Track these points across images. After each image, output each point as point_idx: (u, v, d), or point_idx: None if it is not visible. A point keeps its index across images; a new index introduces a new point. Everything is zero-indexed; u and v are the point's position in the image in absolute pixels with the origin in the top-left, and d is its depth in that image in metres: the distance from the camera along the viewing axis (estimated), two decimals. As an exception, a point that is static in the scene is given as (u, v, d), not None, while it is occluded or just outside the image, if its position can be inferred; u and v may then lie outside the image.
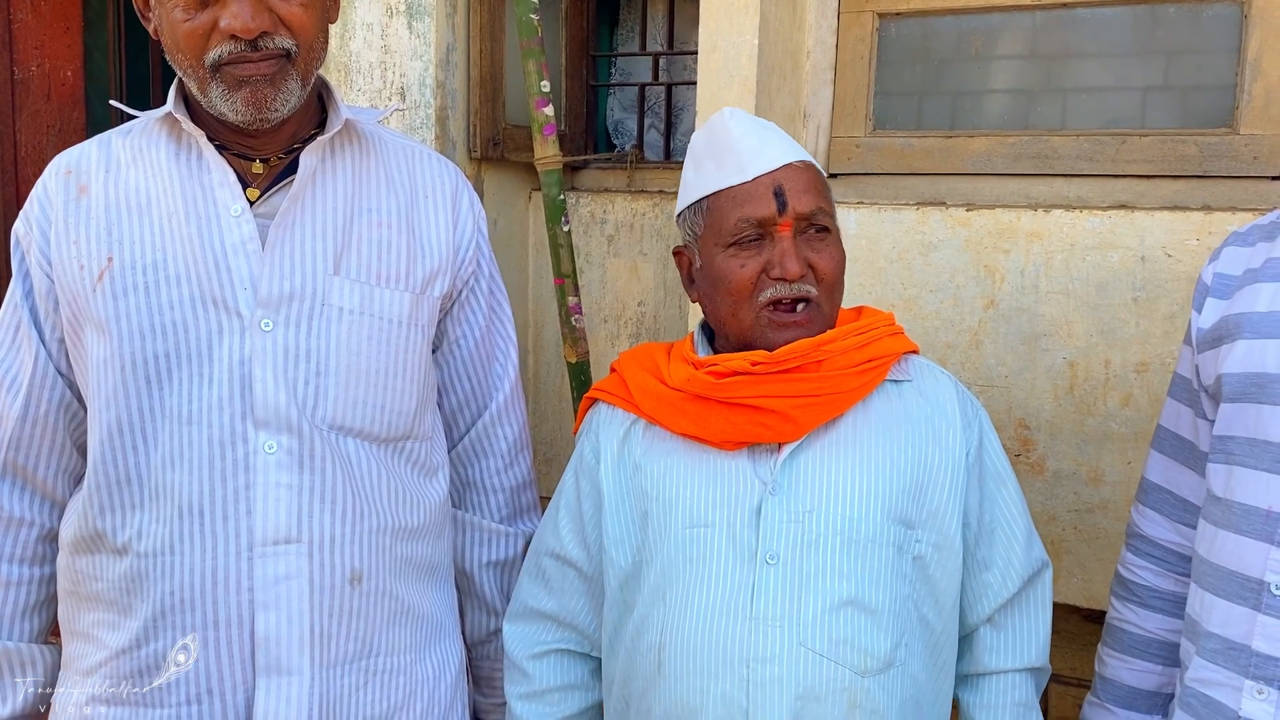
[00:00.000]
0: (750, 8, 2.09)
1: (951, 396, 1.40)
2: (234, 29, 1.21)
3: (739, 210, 1.35)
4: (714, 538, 1.31)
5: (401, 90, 2.26)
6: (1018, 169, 2.15)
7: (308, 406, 1.31)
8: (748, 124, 1.40)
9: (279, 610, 1.28)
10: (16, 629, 1.40)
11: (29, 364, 1.36)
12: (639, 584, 1.37)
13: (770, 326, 1.34)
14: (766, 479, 1.32)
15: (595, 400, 1.50)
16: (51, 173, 1.37)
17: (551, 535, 1.48)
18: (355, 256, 1.36)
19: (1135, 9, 2.07)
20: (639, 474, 1.39)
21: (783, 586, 1.27)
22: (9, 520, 1.39)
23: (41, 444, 1.38)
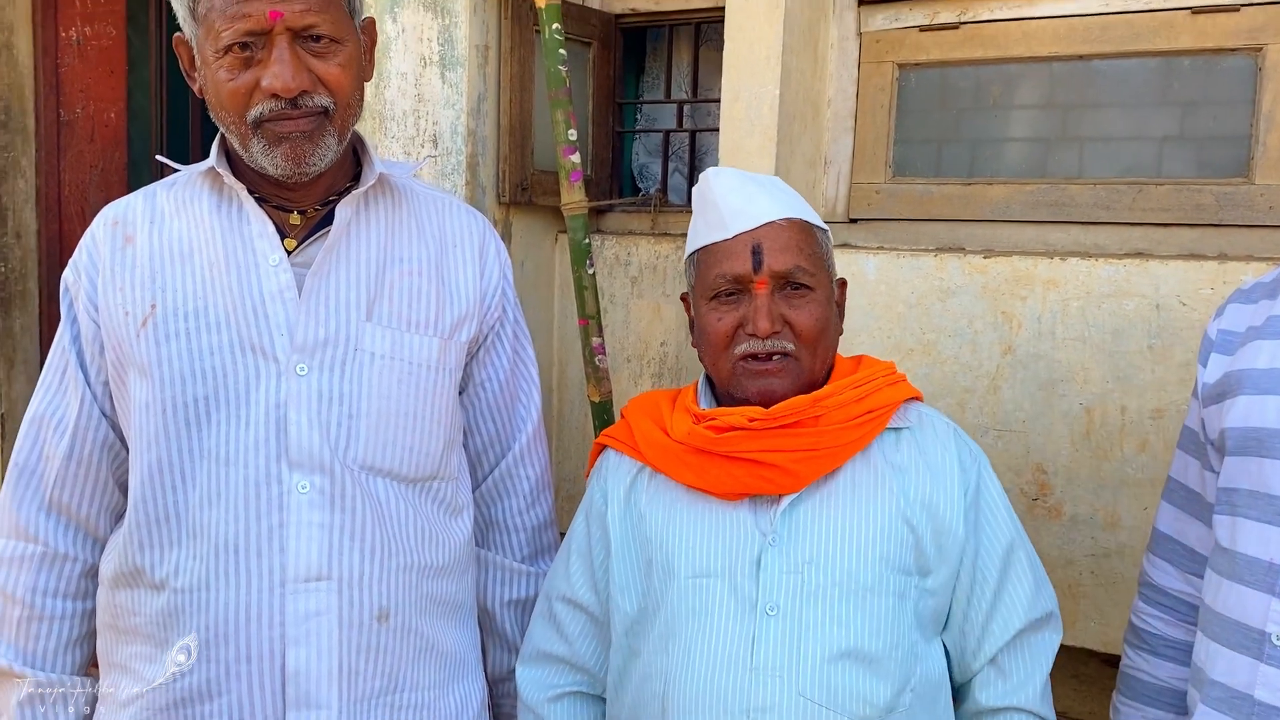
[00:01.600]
0: (772, 59, 2.15)
1: (950, 443, 1.42)
2: (275, 88, 1.28)
3: (718, 266, 1.40)
4: (716, 588, 1.34)
5: (434, 137, 2.33)
6: (1035, 216, 2.18)
7: (340, 448, 1.36)
8: (732, 182, 1.44)
9: (309, 645, 1.33)
10: (59, 661, 1.45)
11: (75, 406, 1.42)
12: (644, 631, 1.40)
13: (745, 375, 1.39)
14: (767, 530, 1.35)
15: (605, 446, 1.54)
16: (100, 223, 1.44)
17: (563, 579, 1.51)
18: (387, 303, 1.41)
19: (1151, 61, 2.11)
20: (644, 522, 1.42)
21: (782, 637, 1.30)
22: (54, 556, 1.44)
23: (85, 482, 1.44)
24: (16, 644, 1.43)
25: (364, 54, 1.40)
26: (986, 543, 1.39)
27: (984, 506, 1.40)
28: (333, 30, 1.31)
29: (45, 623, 1.44)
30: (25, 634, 1.43)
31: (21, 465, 1.45)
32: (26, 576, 1.43)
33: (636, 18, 2.60)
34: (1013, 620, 1.39)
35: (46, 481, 1.44)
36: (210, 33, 1.29)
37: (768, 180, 1.47)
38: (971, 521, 1.39)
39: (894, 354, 2.12)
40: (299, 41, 1.30)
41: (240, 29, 1.27)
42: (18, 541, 1.44)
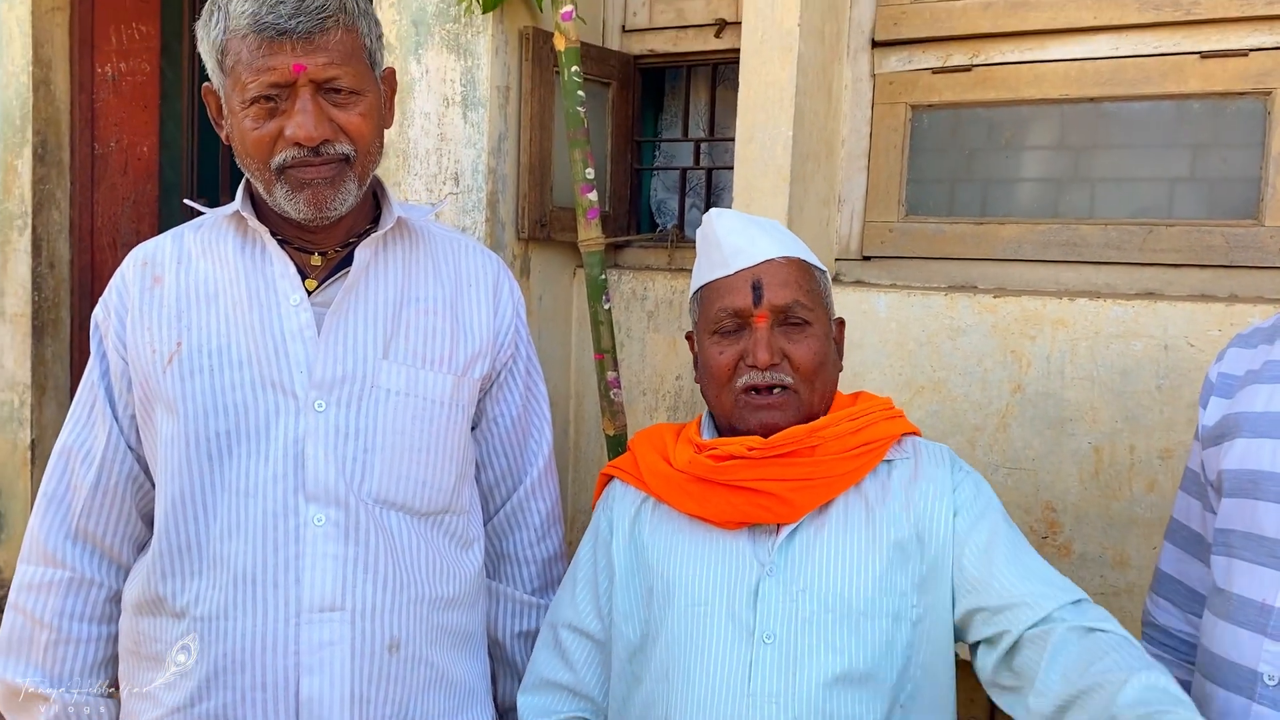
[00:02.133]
0: (785, 102, 2.19)
1: (945, 467, 1.43)
2: (298, 137, 1.33)
3: (720, 301, 1.45)
4: (714, 616, 1.37)
5: (456, 175, 2.39)
6: (1047, 256, 2.21)
7: (355, 482, 1.40)
8: (733, 223, 1.49)
9: (322, 674, 1.36)
10: (84, 683, 1.49)
11: (102, 439, 1.48)
12: (646, 658, 1.43)
13: (746, 408, 1.43)
14: (765, 559, 1.38)
15: (611, 476, 1.58)
16: (130, 264, 1.49)
17: (568, 606, 1.54)
18: (403, 341, 1.46)
19: (1162, 104, 2.14)
20: (646, 551, 1.46)
21: (778, 664, 1.33)
22: (80, 581, 1.49)
23: (110, 512, 1.48)
24: (44, 666, 1.48)
25: (384, 103, 1.45)
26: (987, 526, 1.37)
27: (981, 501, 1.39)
28: (354, 82, 1.37)
29: (71, 645, 1.48)
30: (52, 656, 1.48)
31: (50, 494, 1.50)
32: (54, 601, 1.48)
33: (655, 58, 2.66)
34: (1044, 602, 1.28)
35: (74, 511, 1.48)
36: (237, 84, 1.34)
37: (768, 222, 1.53)
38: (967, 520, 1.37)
39: (905, 391, 2.14)
40: (321, 93, 1.35)
41: (266, 81, 1.32)
42: (46, 567, 1.49)
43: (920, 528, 1.39)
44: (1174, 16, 2.08)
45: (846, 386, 2.14)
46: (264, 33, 1.30)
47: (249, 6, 1.31)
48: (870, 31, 2.37)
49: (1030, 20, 2.20)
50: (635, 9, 2.66)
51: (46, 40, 3.55)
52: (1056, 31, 2.19)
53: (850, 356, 2.19)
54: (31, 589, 1.49)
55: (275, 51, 1.31)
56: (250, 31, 1.31)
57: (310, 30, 1.31)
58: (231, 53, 1.34)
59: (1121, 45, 2.15)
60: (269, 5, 1.30)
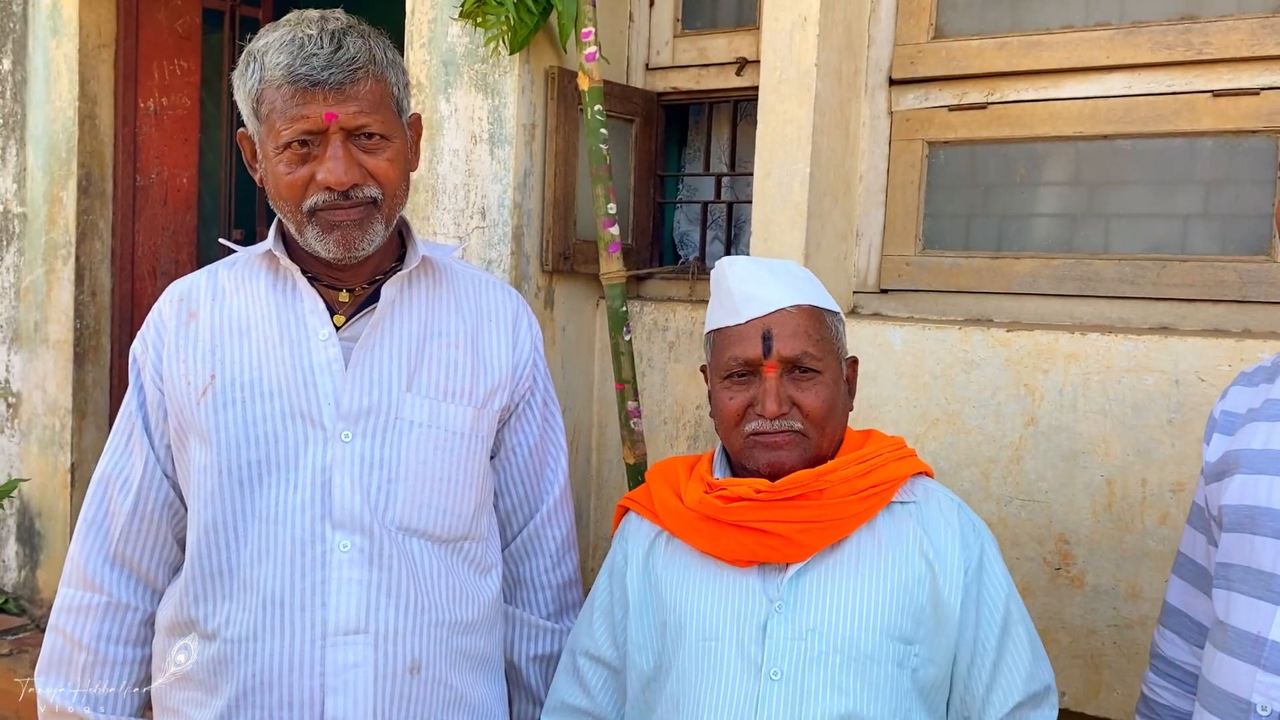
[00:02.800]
0: (802, 140, 2.25)
1: (954, 517, 1.47)
2: (329, 182, 1.40)
3: (731, 349, 1.48)
4: (723, 651, 1.40)
5: (482, 210, 2.46)
6: (1062, 290, 2.24)
7: (379, 510, 1.46)
8: (745, 270, 1.52)
9: (346, 695, 1.42)
10: (120, 704, 1.56)
11: (139, 467, 1.54)
12: (659, 689, 1.46)
13: (755, 448, 1.46)
14: (774, 596, 1.41)
15: (627, 509, 1.63)
16: (166, 300, 1.57)
17: (586, 635, 1.58)
18: (426, 375, 1.52)
19: (1174, 141, 2.17)
20: (660, 584, 1.49)
21: (784, 701, 1.36)
22: (117, 606, 1.55)
23: (147, 538, 1.55)
24: (82, 686, 1.54)
25: (410, 147, 1.52)
26: (986, 615, 1.44)
27: (985, 580, 1.45)
28: (382, 129, 1.43)
29: (108, 667, 1.55)
30: (90, 678, 1.54)
31: (90, 520, 1.57)
32: (92, 624, 1.54)
33: (678, 95, 2.73)
34: (1011, 694, 1.42)
35: (112, 536, 1.55)
36: (271, 131, 1.42)
37: (781, 266, 1.55)
38: (973, 595, 1.43)
39: (919, 423, 2.18)
40: (351, 139, 1.42)
41: (299, 129, 1.39)
42: (85, 591, 1.55)
43: (932, 581, 1.42)
44: (1186, 56, 2.12)
45: (863, 419, 2.19)
46: (298, 83, 1.37)
47: (284, 58, 1.38)
48: (888, 70, 2.42)
49: (1045, 59, 2.25)
50: (659, 48, 2.73)
51: (92, 76, 3.67)
52: (1071, 70, 2.23)
53: (866, 389, 2.22)
54: (71, 612, 1.55)
55: (308, 101, 1.38)
56: (285, 82, 1.38)
57: (342, 81, 1.38)
58: (266, 101, 1.41)
59: (1135, 84, 2.18)
60: (303, 57, 1.37)
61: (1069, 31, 2.23)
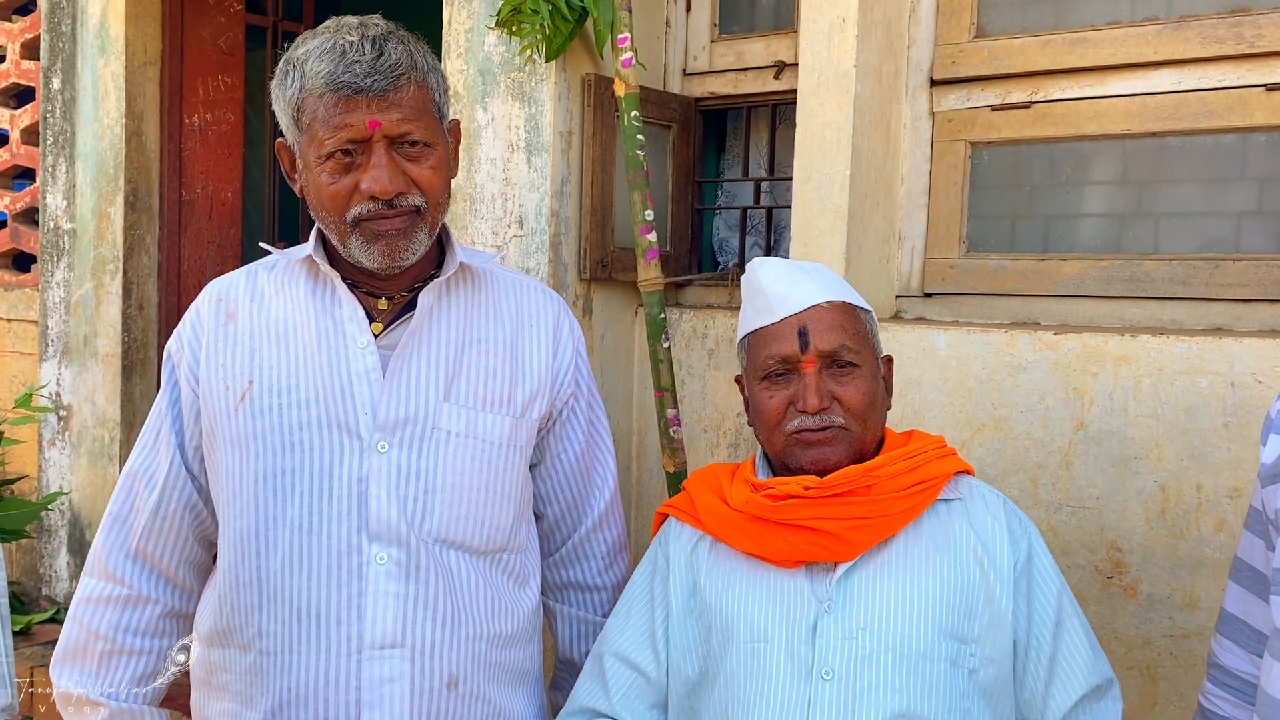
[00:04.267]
0: (842, 143, 2.22)
1: (1000, 514, 1.46)
2: (374, 191, 1.39)
3: (768, 348, 1.48)
4: (773, 653, 1.39)
5: (520, 218, 2.46)
6: (1111, 291, 2.19)
7: (416, 521, 1.44)
8: (777, 271, 1.52)
9: (382, 710, 1.41)
10: (134, 694, 1.57)
11: (165, 465, 1.55)
12: (706, 694, 1.45)
13: (798, 446, 1.45)
14: (823, 597, 1.40)
15: (666, 515, 1.61)
16: (205, 299, 1.57)
17: (618, 637, 1.57)
18: (464, 384, 1.51)
19: (1226, 137, 2.11)
20: (704, 589, 1.48)
21: (837, 701, 1.34)
22: (137, 598, 1.56)
23: (168, 536, 1.56)
24: (98, 675, 1.55)
25: (450, 154, 1.51)
26: (1039, 610, 1.42)
27: (1035, 575, 1.44)
28: (425, 136, 1.42)
29: (124, 657, 1.56)
30: (105, 666, 1.55)
31: (115, 515, 1.58)
32: (111, 615, 1.56)
33: (716, 100, 2.71)
34: (1073, 687, 1.41)
35: (134, 532, 1.56)
36: (313, 141, 1.40)
37: (811, 267, 1.55)
38: (1023, 590, 1.42)
39: (965, 429, 2.13)
40: (394, 147, 1.40)
41: (343, 137, 1.38)
42: (105, 583, 1.57)
43: (982, 578, 1.41)
44: (1237, 50, 2.06)
45: (907, 424, 2.15)
46: (340, 91, 1.36)
47: (325, 66, 1.37)
48: (929, 70, 2.38)
49: (1090, 57, 2.20)
50: (695, 53, 2.71)
51: (139, 94, 3.73)
52: (1117, 67, 2.18)
53: (910, 394, 2.18)
54: (90, 602, 1.57)
55: (351, 109, 1.37)
56: (327, 90, 1.37)
57: (385, 88, 1.37)
58: (308, 110, 1.40)
59: (1184, 80, 2.13)
60: (345, 64, 1.36)
61: (1114, 27, 2.18)
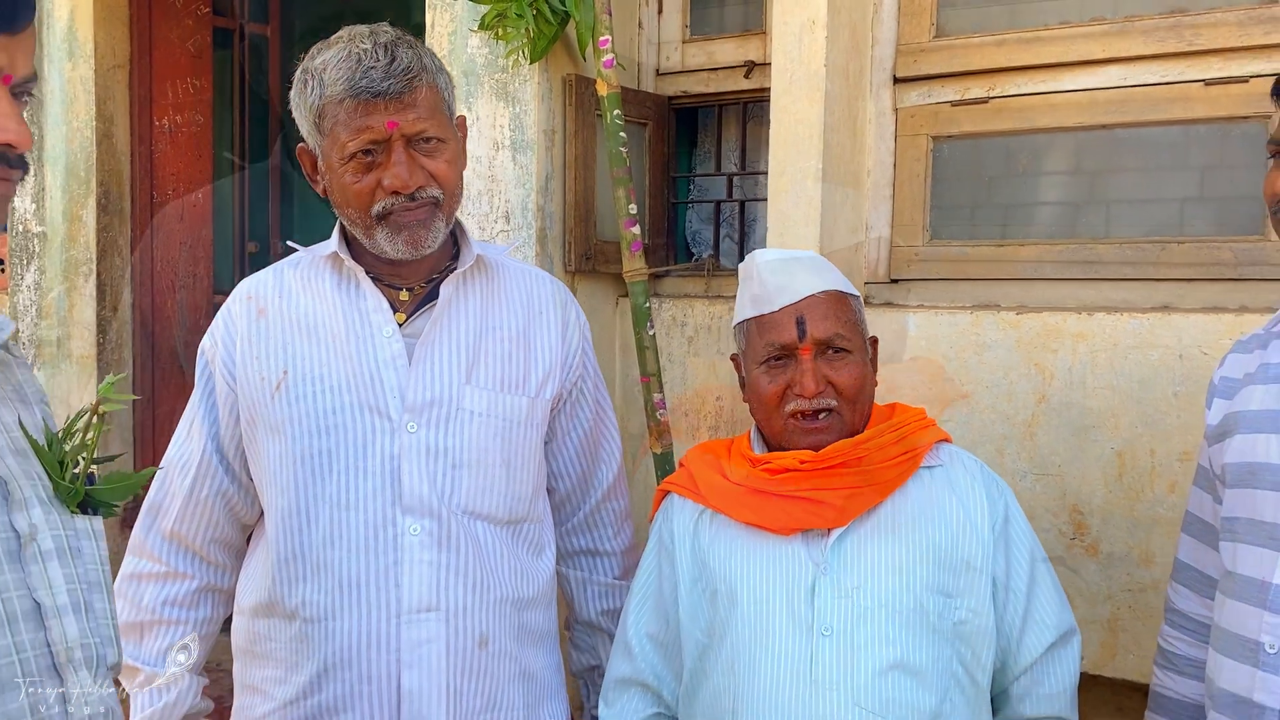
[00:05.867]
0: (814, 138, 2.35)
1: (978, 477, 1.60)
2: (396, 186, 1.50)
3: (766, 335, 1.59)
4: (775, 614, 1.51)
5: (506, 214, 2.56)
6: (1066, 274, 2.34)
7: (445, 495, 1.55)
8: (775, 262, 1.64)
9: (422, 669, 1.51)
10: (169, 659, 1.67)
11: (197, 455, 1.65)
12: (714, 656, 1.56)
13: (796, 432, 1.57)
14: (818, 560, 1.52)
15: (668, 492, 1.73)
16: (236, 299, 1.66)
17: (635, 614, 1.69)
18: (483, 368, 1.61)
19: (1170, 129, 2.27)
20: (708, 557, 1.59)
21: (837, 655, 1.47)
22: (173, 573, 1.68)
23: (199, 520, 1.67)
24: (138, 643, 1.67)
25: (461, 148, 1.62)
26: (1015, 565, 1.56)
27: (1011, 533, 1.57)
28: (439, 132, 1.53)
29: (162, 626, 1.67)
30: (142, 634, 1.67)
31: (151, 502, 1.69)
32: (152, 589, 1.67)
33: (688, 99, 2.82)
34: (1044, 635, 1.55)
35: (169, 516, 1.67)
36: (336, 144, 1.51)
37: (806, 257, 1.67)
38: (1002, 548, 1.55)
39: (935, 405, 2.28)
40: (412, 145, 1.51)
41: (364, 139, 1.49)
42: (145, 561, 1.68)
43: (963, 537, 1.53)
44: (1178, 48, 2.22)
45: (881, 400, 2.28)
46: (359, 96, 1.47)
47: (343, 73, 1.47)
48: (891, 69, 2.52)
49: (1043, 55, 2.35)
50: (669, 53, 2.83)
51: (108, 97, 3.76)
52: (1068, 64, 2.33)
53: (883, 372, 2.31)
54: (133, 579, 1.68)
55: (371, 112, 1.47)
56: (347, 96, 1.47)
57: (400, 91, 1.47)
58: (329, 116, 1.50)
59: (1130, 75, 2.29)
60: (362, 71, 1.46)
61: (1065, 27, 2.33)
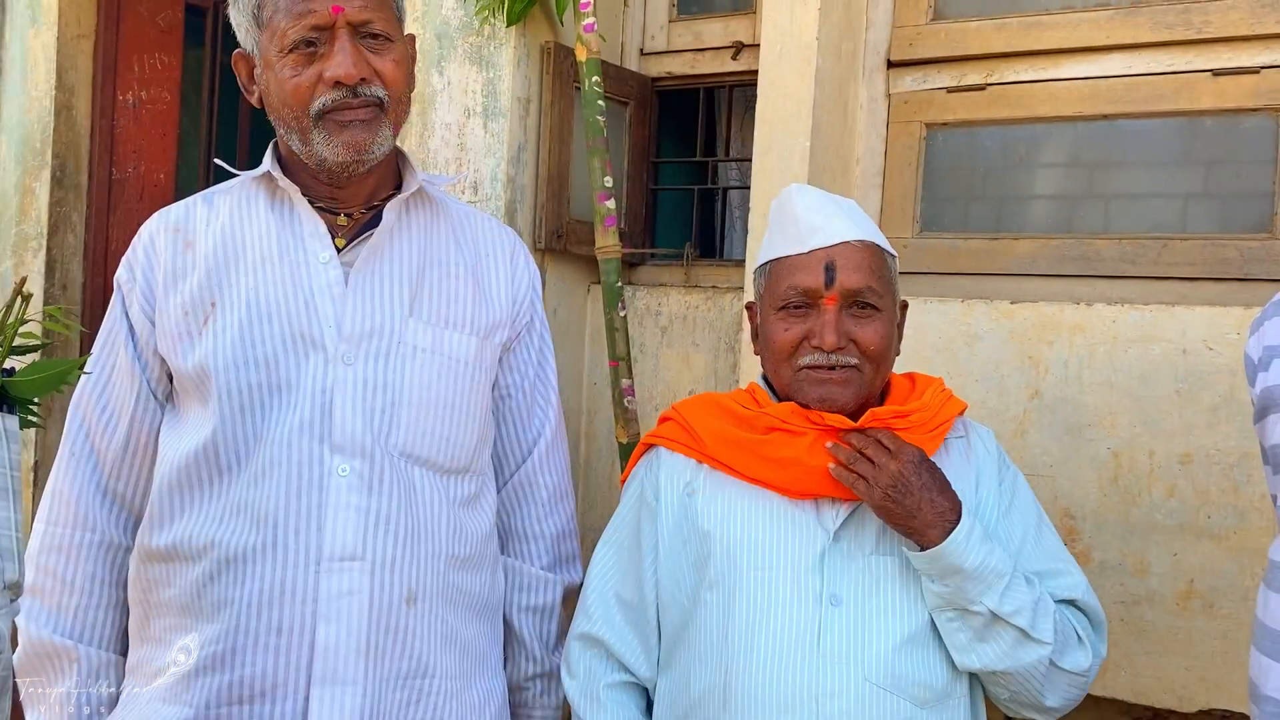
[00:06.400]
0: (803, 114, 2.23)
1: (992, 448, 1.53)
2: (338, 75, 1.37)
3: (790, 278, 1.45)
4: (778, 580, 1.39)
5: (475, 184, 2.42)
6: (1062, 270, 2.22)
7: (382, 434, 1.40)
8: (814, 200, 1.50)
9: (339, 623, 1.35)
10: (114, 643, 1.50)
11: (130, 397, 1.48)
12: (701, 623, 1.43)
13: (807, 382, 1.43)
14: (830, 527, 1.41)
15: (652, 445, 1.57)
16: (160, 227, 1.51)
17: (600, 575, 1.54)
18: (427, 302, 1.47)
19: (1174, 121, 2.17)
20: (701, 517, 1.45)
21: (847, 626, 1.36)
22: (112, 545, 1.49)
23: (139, 470, 1.49)
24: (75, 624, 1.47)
25: (410, 61, 1.49)
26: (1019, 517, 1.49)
27: (1018, 499, 1.50)
28: (386, 28, 1.42)
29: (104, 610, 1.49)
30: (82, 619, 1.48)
31: (75, 454, 1.49)
32: (85, 564, 1.48)
33: (673, 80, 2.70)
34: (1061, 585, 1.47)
35: (103, 470, 1.49)
36: (275, 34, 1.38)
37: (847, 203, 1.52)
38: (1007, 508, 1.48)
39: (921, 399, 2.14)
40: (357, 37, 1.39)
41: (306, 24, 1.36)
42: (74, 530, 1.48)
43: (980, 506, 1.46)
44: (1186, 35, 2.12)
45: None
46: None
47: None
48: (885, 53, 2.41)
49: (1044, 40, 2.24)
50: (654, 32, 2.71)
51: (70, 67, 3.61)
52: (1070, 51, 2.23)
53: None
54: (59, 551, 1.48)
55: None
56: None
57: None
58: (269, 4, 1.39)
59: (1134, 64, 2.18)
60: None
61: (1068, 11, 2.23)
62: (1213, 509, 1.89)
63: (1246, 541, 1.86)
